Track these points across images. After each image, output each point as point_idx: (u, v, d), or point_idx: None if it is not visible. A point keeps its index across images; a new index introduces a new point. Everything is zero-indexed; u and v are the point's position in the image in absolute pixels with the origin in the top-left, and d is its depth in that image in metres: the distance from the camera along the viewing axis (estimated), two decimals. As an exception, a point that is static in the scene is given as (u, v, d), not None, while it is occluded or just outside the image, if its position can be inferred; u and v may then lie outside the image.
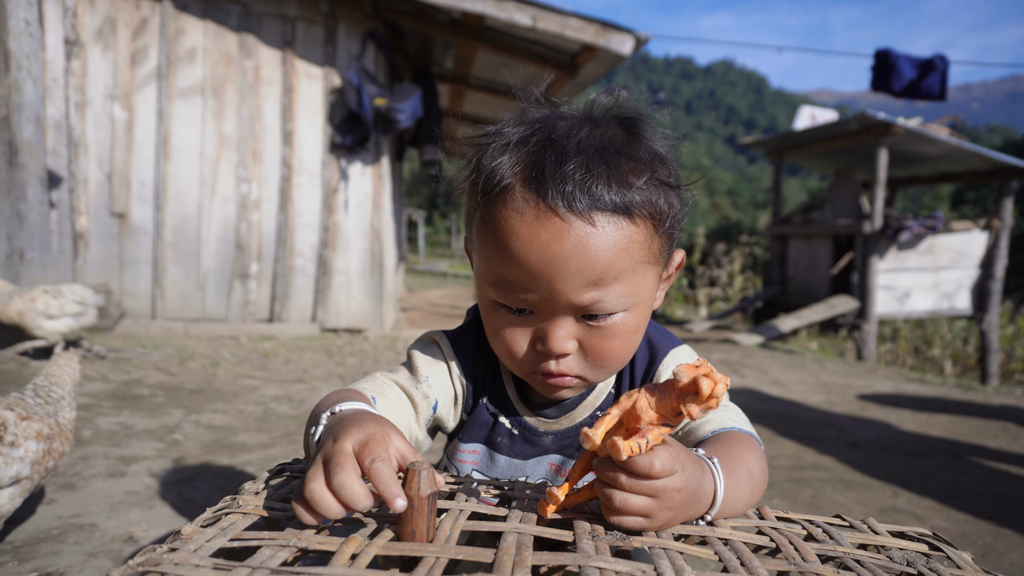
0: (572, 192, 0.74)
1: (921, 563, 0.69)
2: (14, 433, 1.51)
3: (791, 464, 3.20)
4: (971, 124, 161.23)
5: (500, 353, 0.89)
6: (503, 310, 0.84)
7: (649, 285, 0.84)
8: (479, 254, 0.85)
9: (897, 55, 8.90)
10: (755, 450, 0.84)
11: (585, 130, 0.79)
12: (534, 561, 0.55)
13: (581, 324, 0.82)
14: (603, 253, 0.75)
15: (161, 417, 3.18)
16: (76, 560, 1.70)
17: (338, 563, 0.53)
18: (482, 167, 0.81)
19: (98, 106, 5.59)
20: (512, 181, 0.78)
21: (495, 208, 0.79)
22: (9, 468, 1.47)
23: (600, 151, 0.76)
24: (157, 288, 5.77)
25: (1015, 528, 2.48)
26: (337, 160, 6.09)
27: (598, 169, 0.75)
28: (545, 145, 0.78)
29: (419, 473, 0.58)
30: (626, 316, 0.82)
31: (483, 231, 0.82)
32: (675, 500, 0.65)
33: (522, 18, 5.63)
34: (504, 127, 0.84)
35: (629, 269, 0.78)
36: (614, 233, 0.76)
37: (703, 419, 0.90)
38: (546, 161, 0.76)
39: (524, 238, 0.76)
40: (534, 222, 0.75)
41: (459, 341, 1.01)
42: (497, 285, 0.82)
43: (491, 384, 1.01)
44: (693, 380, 0.60)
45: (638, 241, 0.78)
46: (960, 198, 35.21)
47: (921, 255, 9.91)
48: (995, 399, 5.49)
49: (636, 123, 0.83)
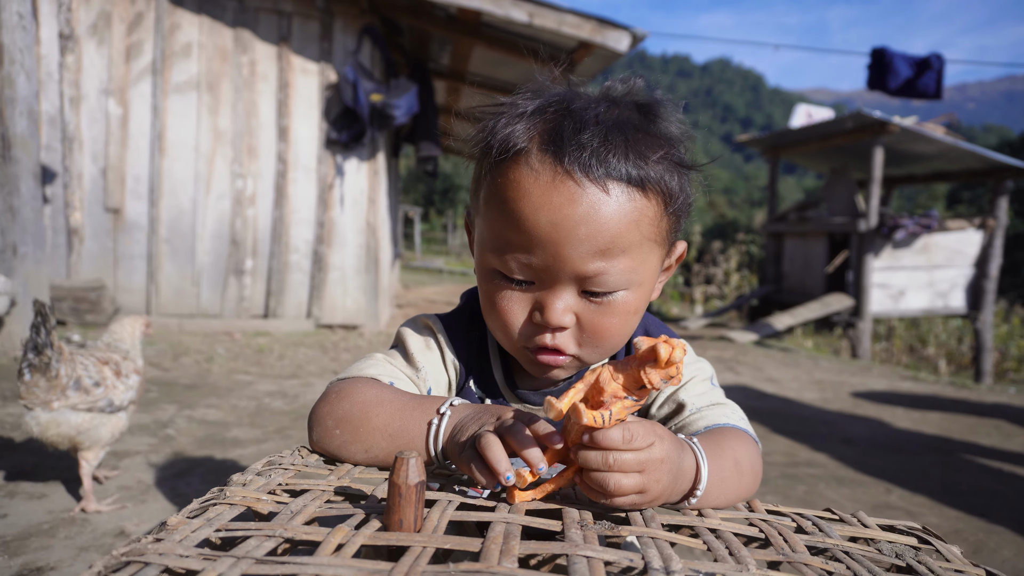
0: (589, 158, 0.74)
1: (910, 556, 0.69)
2: (127, 369, 2.10)
3: (784, 461, 3.21)
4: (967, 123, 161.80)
5: (494, 325, 0.88)
6: (502, 280, 0.83)
7: (652, 267, 0.84)
8: (484, 219, 0.84)
9: (893, 54, 8.91)
10: (745, 443, 0.84)
11: (603, 107, 0.80)
12: (521, 550, 0.55)
13: (582, 299, 0.81)
14: (613, 222, 0.76)
15: (154, 412, 3.17)
16: (67, 554, 1.69)
17: (324, 553, 0.53)
18: (496, 132, 0.81)
19: (93, 101, 5.57)
20: (528, 145, 0.78)
21: (508, 170, 0.79)
22: (128, 393, 2.06)
23: (618, 125, 0.77)
24: (152, 284, 5.75)
25: (1007, 525, 2.49)
26: (333, 156, 6.07)
27: (616, 140, 0.76)
28: (563, 114, 0.78)
29: (407, 461, 0.57)
30: (627, 295, 0.82)
31: (491, 194, 0.81)
32: (662, 471, 0.66)
33: (518, 14, 5.62)
34: (519, 99, 0.84)
35: (636, 244, 0.79)
36: (626, 204, 0.76)
37: (697, 415, 0.89)
38: (564, 128, 0.76)
39: (536, 200, 0.76)
40: (548, 185, 0.76)
41: (451, 325, 1.00)
42: (500, 250, 0.81)
43: (479, 368, 0.99)
44: (652, 347, 0.60)
45: (648, 216, 0.78)
46: (955, 197, 35.32)
47: (916, 254, 9.94)
48: (988, 397, 5.51)
49: (652, 107, 0.83)
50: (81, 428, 1.91)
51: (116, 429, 2.02)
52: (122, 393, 2.02)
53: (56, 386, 1.87)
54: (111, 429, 2.00)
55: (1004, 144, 37.61)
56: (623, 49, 5.94)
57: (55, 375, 1.86)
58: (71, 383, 1.90)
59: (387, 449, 0.79)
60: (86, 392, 1.92)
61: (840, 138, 9.89)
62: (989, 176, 10.53)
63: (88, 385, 1.93)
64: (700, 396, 0.92)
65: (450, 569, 0.50)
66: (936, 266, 10.05)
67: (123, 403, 2.03)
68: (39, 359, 1.85)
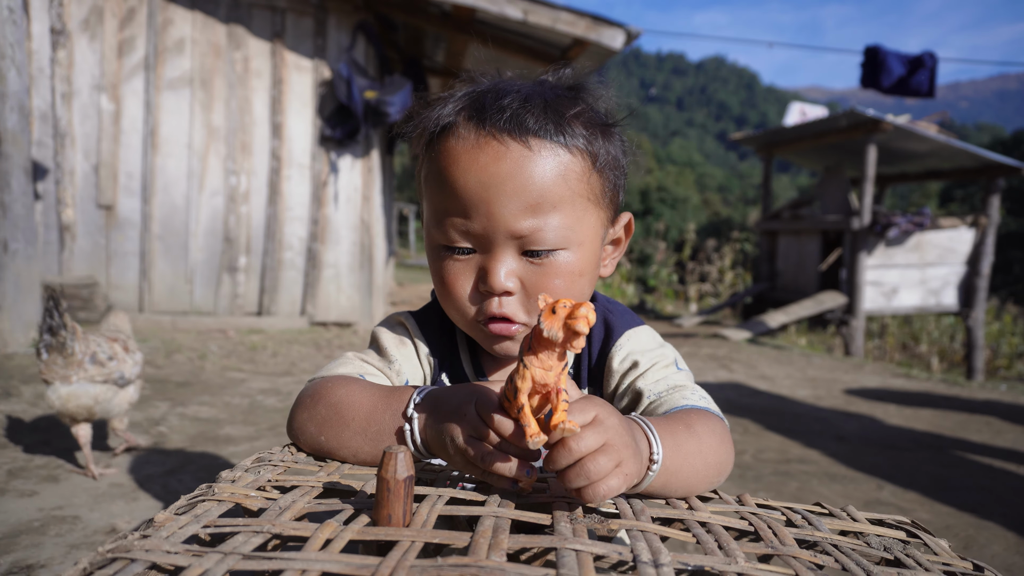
0: (509, 119, 0.79)
1: (898, 549, 0.69)
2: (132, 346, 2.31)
3: (777, 458, 3.22)
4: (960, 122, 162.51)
5: (446, 302, 0.89)
6: (447, 253, 0.85)
7: (591, 227, 0.85)
8: (425, 198, 0.87)
9: (886, 52, 8.93)
10: (701, 415, 0.82)
11: (528, 84, 0.86)
12: (511, 544, 0.55)
13: (523, 261, 0.83)
14: (539, 176, 0.78)
15: (146, 410, 3.16)
16: (57, 552, 1.68)
17: (312, 548, 0.53)
18: (429, 117, 0.85)
19: (85, 97, 5.53)
20: (455, 119, 0.82)
21: (438, 145, 0.83)
22: (136, 368, 2.28)
23: (539, 91, 0.83)
24: (144, 281, 5.72)
25: (997, 520, 2.51)
26: (327, 153, 6.06)
27: (535, 102, 0.80)
28: (487, 90, 0.84)
29: (395, 456, 0.57)
30: (568, 255, 0.83)
31: (428, 171, 0.85)
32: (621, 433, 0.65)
33: (513, 12, 5.62)
34: (449, 91, 0.89)
35: (567, 199, 0.80)
36: (550, 159, 0.79)
37: (656, 403, 0.88)
38: (487, 96, 0.82)
39: (464, 164, 0.80)
40: (473, 148, 0.79)
41: (424, 320, 1.01)
42: (440, 221, 0.83)
43: (450, 359, 1.00)
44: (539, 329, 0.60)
45: (575, 171, 0.81)
46: (948, 195, 35.47)
47: (909, 252, 9.98)
48: (979, 394, 5.54)
49: (578, 88, 0.87)
50: (98, 398, 2.12)
51: (127, 400, 2.26)
52: (131, 367, 2.24)
53: (73, 362, 2.07)
54: (124, 399, 2.24)
55: (997, 142, 37.80)
56: (617, 47, 5.94)
57: (71, 352, 2.06)
58: (87, 358, 2.10)
59: (372, 453, 0.79)
60: (101, 365, 2.12)
61: (834, 136, 9.92)
62: (981, 174, 10.58)
63: (103, 359, 2.14)
64: (658, 382, 0.90)
65: (438, 563, 0.50)
66: (929, 264, 10.10)
67: (132, 377, 2.24)
68: (55, 339, 2.05)
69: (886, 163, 11.00)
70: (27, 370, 3.60)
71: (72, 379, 2.07)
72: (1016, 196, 29.84)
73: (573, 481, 0.62)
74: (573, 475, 0.62)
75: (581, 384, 0.98)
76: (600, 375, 0.96)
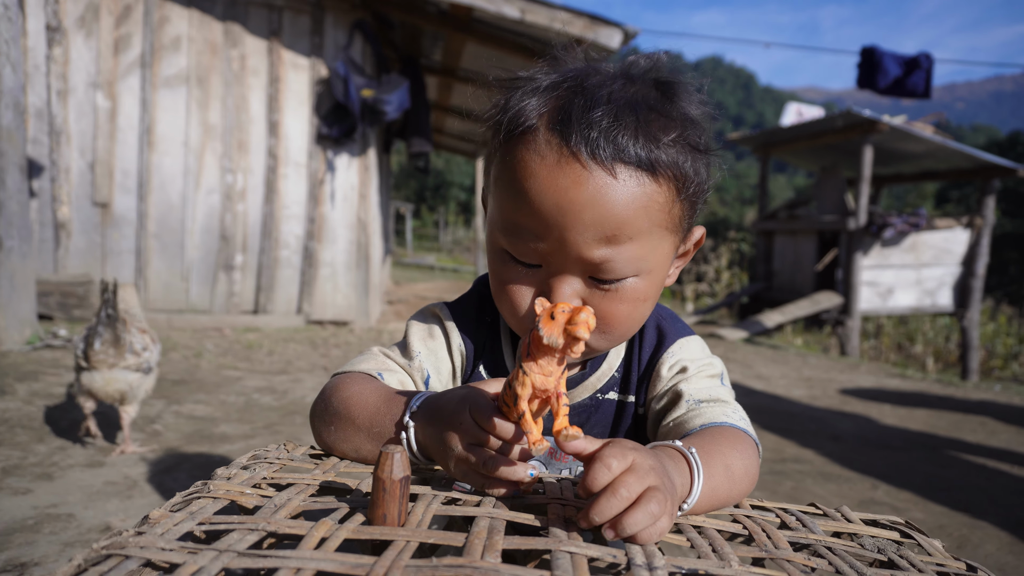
0: (597, 139, 0.72)
1: (892, 550, 0.69)
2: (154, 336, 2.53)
3: (772, 457, 3.23)
4: (956, 123, 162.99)
5: (503, 307, 0.86)
6: (512, 261, 0.81)
7: (664, 254, 0.81)
8: (494, 198, 0.82)
9: (883, 53, 8.95)
10: (741, 446, 0.80)
11: (619, 84, 0.77)
12: (505, 545, 0.55)
13: (589, 285, 0.79)
14: (620, 207, 0.73)
15: (142, 408, 3.15)
16: (51, 550, 1.68)
17: (307, 546, 0.53)
18: (508, 107, 0.79)
19: (80, 94, 5.51)
20: (536, 123, 0.75)
21: (516, 149, 0.77)
22: (157, 356, 2.51)
23: (631, 104, 0.74)
24: (140, 279, 5.71)
25: (991, 520, 2.52)
26: (324, 151, 6.05)
27: (626, 120, 0.73)
28: (575, 91, 0.76)
29: (391, 456, 0.57)
30: (636, 282, 0.79)
31: (501, 173, 0.79)
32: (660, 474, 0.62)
33: (510, 10, 5.61)
34: (536, 73, 0.82)
35: (646, 230, 0.75)
36: (635, 188, 0.73)
37: (695, 411, 0.86)
38: (574, 106, 0.74)
39: (542, 181, 0.74)
40: (554, 166, 0.73)
41: (459, 311, 0.99)
42: (509, 232, 0.79)
43: (490, 352, 0.98)
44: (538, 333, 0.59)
45: (658, 202, 0.75)
46: (944, 196, 35.57)
47: (904, 252, 10.01)
48: (974, 394, 5.56)
49: (672, 86, 0.79)
50: (132, 384, 2.36)
51: (150, 386, 2.48)
52: (155, 357, 2.49)
53: (121, 351, 2.31)
54: (147, 386, 2.46)
55: (992, 144, 37.90)
56: (615, 46, 5.94)
57: (121, 343, 2.31)
58: (128, 348, 2.34)
59: (373, 452, 0.79)
60: (137, 355, 2.37)
61: (830, 136, 9.95)
62: (977, 175, 10.62)
63: (138, 350, 2.39)
64: (700, 390, 0.88)
65: (433, 563, 0.50)
66: (924, 264, 10.13)
67: (153, 366, 2.47)
68: (110, 331, 2.29)
69: (882, 164, 11.03)
70: (22, 368, 3.59)
71: (115, 366, 2.30)
72: (1011, 197, 29.94)
73: (626, 529, 0.58)
74: (627, 522, 0.57)
75: (629, 389, 0.95)
76: (647, 380, 0.95)
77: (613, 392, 0.96)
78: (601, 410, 0.96)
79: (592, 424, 0.96)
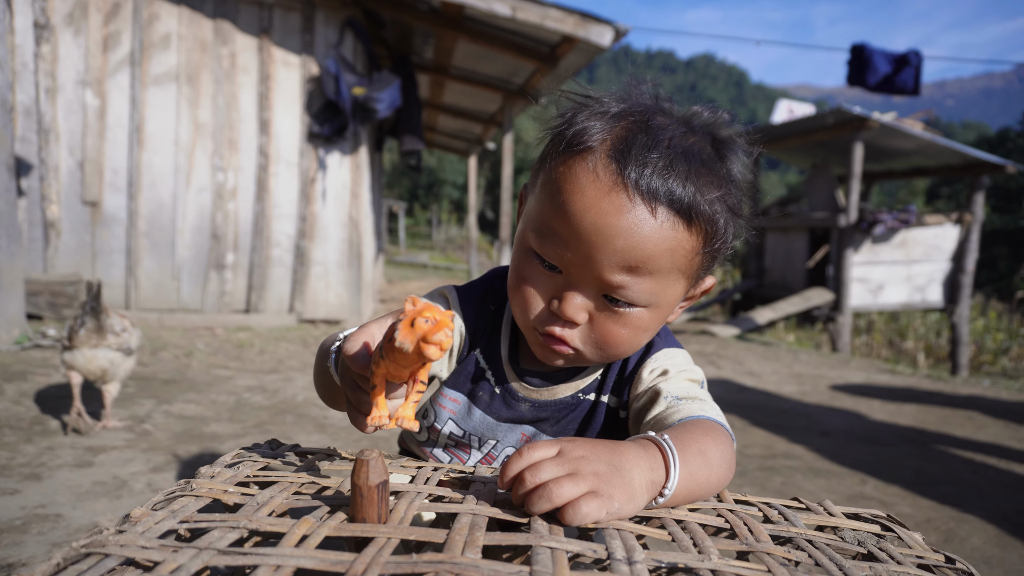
0: (649, 176, 0.77)
1: (872, 543, 0.70)
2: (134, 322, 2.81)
3: (762, 453, 3.24)
4: (946, 120, 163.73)
5: (515, 301, 0.90)
6: (536, 260, 0.86)
7: (675, 295, 0.86)
8: (536, 200, 0.87)
9: (872, 50, 8.99)
10: (713, 434, 0.82)
11: (679, 131, 0.82)
12: (486, 541, 0.55)
13: (600, 302, 0.84)
14: (651, 244, 0.78)
15: (131, 407, 3.14)
16: (39, 550, 1.67)
17: (288, 544, 0.53)
18: (574, 122, 0.83)
19: (69, 92, 5.48)
20: (598, 145, 0.80)
21: (572, 163, 0.81)
22: (137, 342, 2.76)
23: (687, 153, 0.79)
24: (131, 278, 5.68)
25: (977, 513, 2.54)
26: (315, 149, 6.03)
27: (679, 168, 0.78)
28: (640, 127, 0.81)
29: (368, 462, 0.58)
30: (643, 312, 0.84)
31: (550, 179, 0.84)
32: (592, 462, 0.64)
33: (501, 8, 5.61)
34: (606, 98, 0.87)
35: (666, 270, 0.81)
36: (668, 231, 0.78)
37: (673, 408, 0.88)
38: (636, 141, 0.79)
39: (588, 199, 0.78)
40: (603, 190, 0.78)
41: (467, 295, 1.03)
42: (541, 233, 0.84)
43: (488, 340, 1.02)
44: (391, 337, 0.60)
45: (685, 248, 0.81)
46: (935, 193, 35.78)
47: (895, 248, 10.06)
48: (963, 389, 5.61)
49: (726, 145, 0.85)
50: (113, 361, 2.64)
51: (128, 367, 2.74)
52: (135, 340, 2.74)
53: (103, 335, 2.59)
54: (127, 367, 2.72)
55: (982, 140, 38.13)
56: (606, 44, 5.95)
57: (103, 328, 2.59)
58: (109, 331, 2.61)
59: (326, 392, 0.89)
60: (116, 335, 2.63)
61: (821, 133, 9.98)
62: (966, 172, 10.68)
63: (118, 330, 2.65)
64: (679, 389, 0.91)
65: (413, 559, 0.50)
66: (914, 260, 10.19)
67: (133, 348, 2.73)
68: (95, 321, 2.58)
69: (873, 160, 11.09)
70: (10, 368, 3.57)
71: (98, 346, 2.58)
72: (1001, 193, 30.15)
73: (536, 503, 0.61)
74: (535, 498, 0.61)
75: (606, 388, 0.99)
76: (630, 383, 0.98)
77: (595, 394, 1.00)
78: (580, 409, 1.00)
79: (569, 422, 1.00)
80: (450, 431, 1.03)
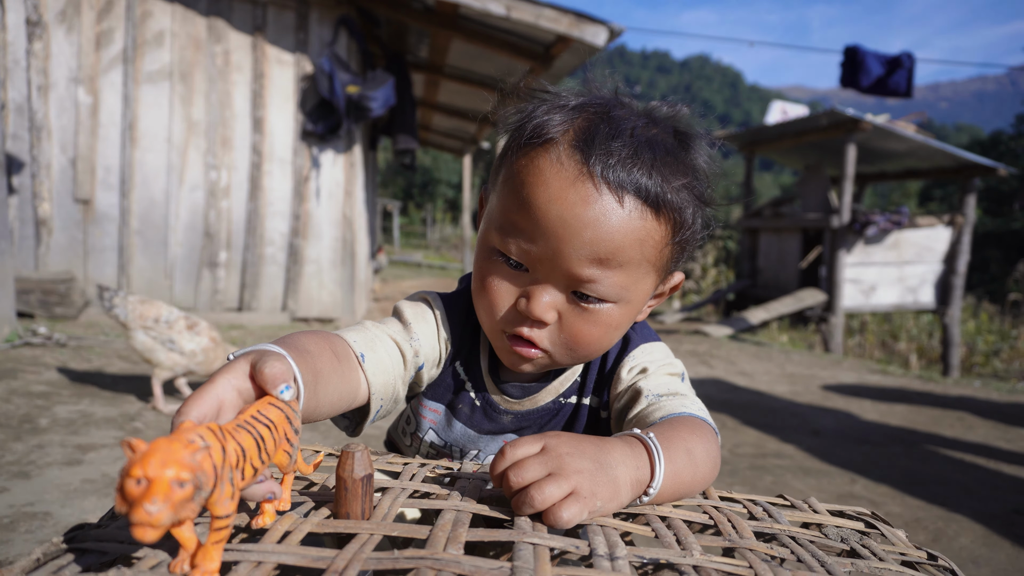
0: (614, 166, 0.75)
1: (855, 540, 0.71)
2: (200, 330, 3.17)
3: (753, 452, 3.25)
4: (939, 122, 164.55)
5: (480, 304, 0.88)
6: (500, 259, 0.83)
7: (645, 290, 0.84)
8: (498, 197, 0.84)
9: (865, 52, 9.03)
10: (699, 431, 0.82)
11: (642, 122, 0.81)
12: (469, 538, 0.55)
13: (569, 300, 0.82)
14: (619, 234, 0.76)
15: (122, 405, 3.13)
16: (27, 548, 1.67)
17: (270, 540, 0.53)
18: (535, 116, 0.82)
19: (62, 89, 5.45)
20: (560, 137, 0.79)
21: (534, 156, 0.79)
22: (189, 345, 3.11)
23: (650, 143, 0.78)
24: (123, 276, 5.66)
25: (966, 513, 2.56)
26: (309, 148, 6.02)
27: (644, 157, 0.76)
28: (601, 118, 0.79)
29: (353, 455, 0.57)
30: (613, 308, 0.82)
31: (512, 173, 0.82)
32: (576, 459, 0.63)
33: (496, 7, 5.61)
34: (564, 92, 0.86)
35: (635, 262, 0.79)
36: (636, 220, 0.77)
37: (655, 405, 0.87)
38: (599, 131, 0.77)
39: (552, 191, 0.77)
40: (568, 180, 0.76)
41: (450, 304, 1.00)
42: (505, 230, 0.81)
43: (468, 352, 0.99)
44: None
45: (654, 239, 0.79)
46: (928, 195, 35.95)
47: (887, 250, 10.10)
48: (953, 390, 5.63)
49: (689, 136, 0.84)
50: (146, 347, 3.03)
51: (172, 360, 3.07)
52: (186, 341, 3.08)
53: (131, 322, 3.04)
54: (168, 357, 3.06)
55: (975, 143, 38.31)
56: (600, 44, 5.95)
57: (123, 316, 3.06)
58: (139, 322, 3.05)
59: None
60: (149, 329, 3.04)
61: (814, 135, 10.02)
62: (958, 174, 10.73)
63: (150, 324, 3.04)
64: (660, 385, 0.90)
65: (394, 555, 0.50)
66: (906, 262, 10.23)
67: (182, 348, 3.06)
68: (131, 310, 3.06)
69: (866, 162, 11.13)
70: (0, 366, 3.55)
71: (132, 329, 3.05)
72: (993, 196, 30.31)
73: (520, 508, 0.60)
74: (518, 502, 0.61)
75: (586, 390, 0.98)
76: (609, 383, 0.97)
77: (575, 396, 0.98)
78: (562, 414, 0.98)
79: (552, 427, 0.98)
80: (431, 441, 1.01)
